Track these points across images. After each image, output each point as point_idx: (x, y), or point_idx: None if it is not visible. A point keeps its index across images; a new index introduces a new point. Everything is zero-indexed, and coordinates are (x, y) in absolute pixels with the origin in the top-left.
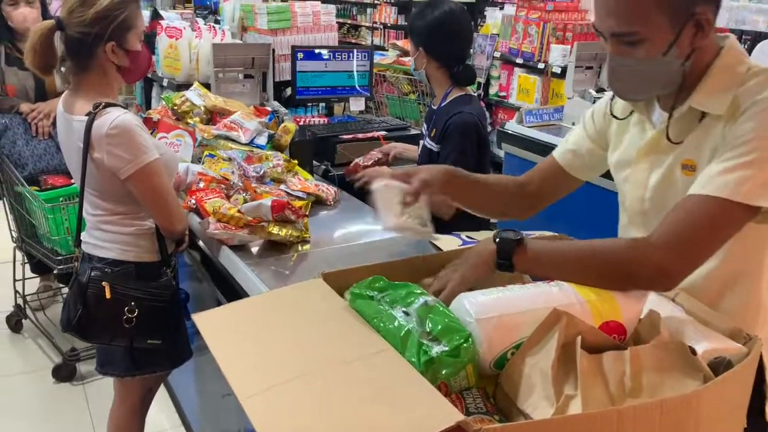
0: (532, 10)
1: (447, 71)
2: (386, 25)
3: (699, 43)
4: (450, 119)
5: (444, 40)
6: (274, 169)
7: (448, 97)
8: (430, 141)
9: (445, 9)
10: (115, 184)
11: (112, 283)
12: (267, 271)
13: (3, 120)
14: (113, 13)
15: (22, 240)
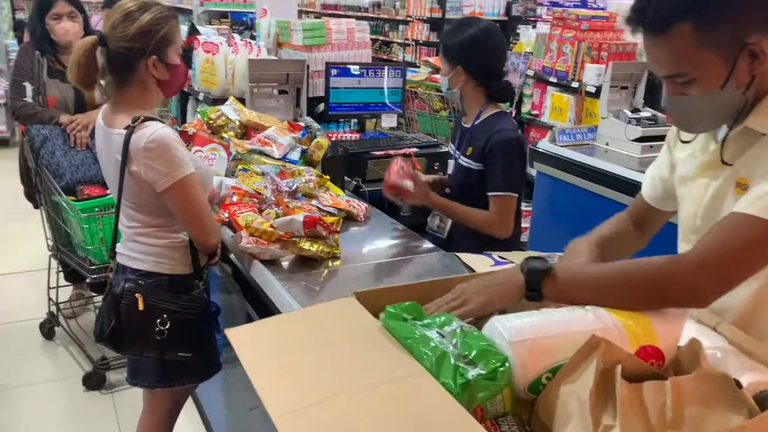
0: (566, 29)
1: (484, 88)
2: (418, 42)
3: (758, 70)
4: (492, 137)
5: (482, 57)
6: (306, 185)
7: (483, 115)
8: (466, 159)
9: (481, 26)
10: (151, 196)
11: (145, 295)
12: (297, 287)
13: (43, 131)
14: (155, 29)
15: (58, 248)
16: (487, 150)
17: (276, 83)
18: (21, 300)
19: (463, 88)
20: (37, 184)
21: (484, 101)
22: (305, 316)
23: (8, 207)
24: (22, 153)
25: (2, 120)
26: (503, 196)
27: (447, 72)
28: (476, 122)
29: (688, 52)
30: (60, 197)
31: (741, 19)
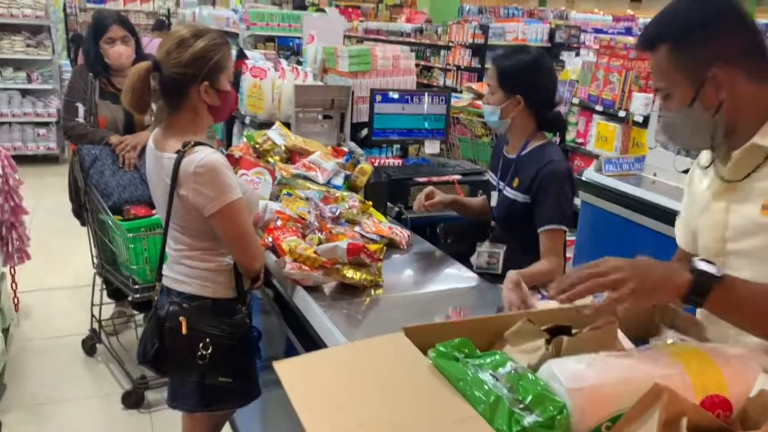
0: (614, 58)
1: (535, 118)
2: (459, 67)
3: (723, 97)
4: (542, 169)
5: (540, 86)
6: (350, 210)
7: (529, 145)
8: (512, 191)
9: (537, 54)
10: (199, 220)
11: (188, 319)
12: (339, 314)
13: (93, 151)
14: (208, 55)
15: (102, 266)
16: (537, 182)
17: (321, 108)
18: (65, 315)
19: (516, 117)
20: (85, 203)
21: (531, 131)
22: (354, 351)
23: (56, 223)
24: (72, 172)
25: (52, 138)
26: (556, 229)
27: (501, 101)
28: (522, 153)
29: (665, 69)
30: (107, 216)
31: (709, 49)
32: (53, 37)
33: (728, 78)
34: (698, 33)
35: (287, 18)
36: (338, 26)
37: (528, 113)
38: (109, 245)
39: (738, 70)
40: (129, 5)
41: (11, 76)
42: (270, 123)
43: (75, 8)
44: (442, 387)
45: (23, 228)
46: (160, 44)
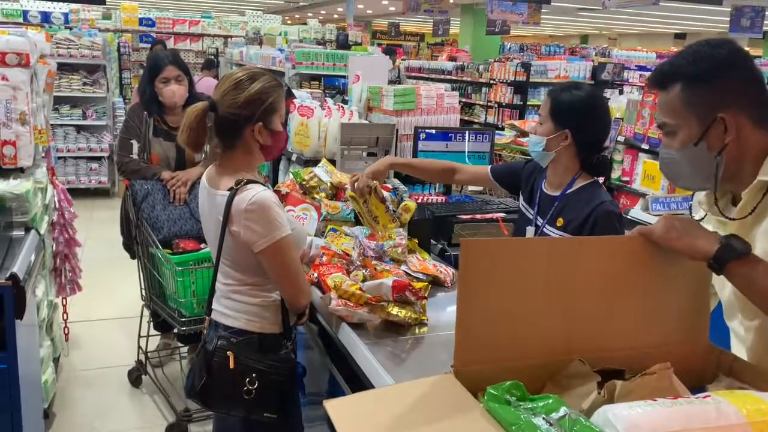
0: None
1: (580, 158)
2: (501, 104)
3: (730, 139)
4: (595, 211)
5: (590, 125)
6: (395, 249)
7: (575, 184)
8: (556, 230)
9: (592, 93)
10: (249, 256)
11: (236, 353)
12: (383, 352)
13: (146, 186)
14: (263, 97)
15: (150, 299)
16: (590, 224)
17: (366, 146)
18: (112, 346)
19: (561, 153)
20: (136, 236)
21: (577, 169)
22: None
23: (106, 255)
24: (124, 206)
25: (104, 172)
26: None
27: (549, 132)
28: (567, 191)
29: (674, 106)
30: (157, 249)
31: (720, 94)
32: (108, 75)
33: (736, 122)
34: (713, 75)
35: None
36: (383, 65)
37: (574, 151)
38: (157, 278)
39: (746, 115)
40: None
41: (68, 113)
42: (316, 160)
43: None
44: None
45: (76, 260)
46: (217, 85)
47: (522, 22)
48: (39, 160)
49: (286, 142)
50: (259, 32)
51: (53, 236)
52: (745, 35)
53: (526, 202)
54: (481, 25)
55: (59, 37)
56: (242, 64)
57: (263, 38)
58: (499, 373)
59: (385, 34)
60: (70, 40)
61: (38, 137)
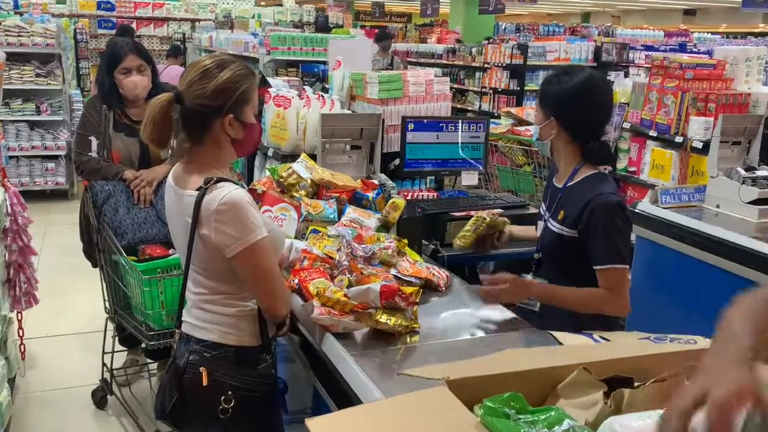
0: (668, 78)
1: (578, 146)
2: (496, 90)
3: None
4: (591, 202)
5: (580, 112)
6: (385, 251)
7: (578, 175)
8: (557, 224)
9: (585, 76)
10: (221, 262)
11: (210, 369)
12: (372, 364)
13: (107, 187)
14: (233, 87)
15: (115, 311)
16: (586, 217)
17: (349, 138)
18: (74, 364)
19: (555, 142)
20: (97, 242)
21: (578, 159)
22: (393, 407)
23: (65, 264)
24: (84, 209)
25: (61, 172)
26: (613, 268)
27: (540, 121)
28: (569, 183)
29: None
30: (120, 256)
31: None
32: (64, 65)
33: None
34: None
35: (310, 42)
36: (366, 50)
37: (567, 139)
38: (122, 288)
39: None
40: (142, 30)
41: (20, 108)
42: (294, 154)
43: (86, 35)
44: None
45: (32, 270)
46: (183, 74)
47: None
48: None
49: (260, 136)
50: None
51: (5, 244)
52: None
53: (543, 200)
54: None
55: (8, 24)
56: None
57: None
58: (496, 383)
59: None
60: (21, 27)
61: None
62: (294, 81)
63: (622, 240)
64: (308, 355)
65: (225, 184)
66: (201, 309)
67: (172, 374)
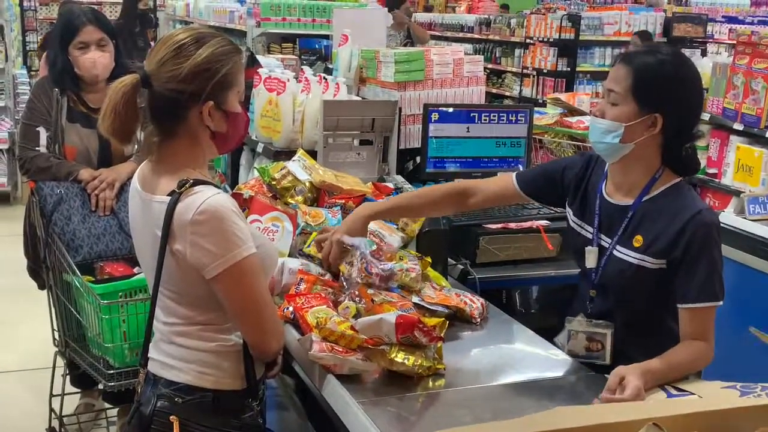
0: (757, 58)
1: (663, 151)
2: (541, 72)
3: None
4: (691, 223)
5: (687, 104)
6: (407, 273)
7: (656, 187)
8: (633, 252)
9: (679, 57)
10: (198, 284)
11: (183, 419)
12: (385, 415)
13: (58, 190)
14: (214, 67)
15: (66, 344)
16: (685, 243)
17: (358, 131)
18: (14, 407)
19: (642, 145)
20: (45, 258)
21: (657, 167)
22: None
23: (6, 284)
24: (29, 217)
25: (2, 170)
26: (708, 307)
27: (631, 116)
28: (645, 198)
29: None
30: (74, 276)
31: None
32: (6, 39)
33: None
34: None
35: (311, 11)
36: (380, 22)
37: (660, 142)
38: (75, 315)
39: None
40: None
41: None
42: (290, 151)
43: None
44: None
45: None
46: (151, 51)
47: None
48: None
49: (246, 127)
50: None
51: None
52: None
53: (577, 216)
54: None
55: None
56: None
57: None
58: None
59: None
60: None
61: None
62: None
63: (721, 271)
64: (305, 402)
65: (203, 187)
66: (172, 343)
67: (136, 424)
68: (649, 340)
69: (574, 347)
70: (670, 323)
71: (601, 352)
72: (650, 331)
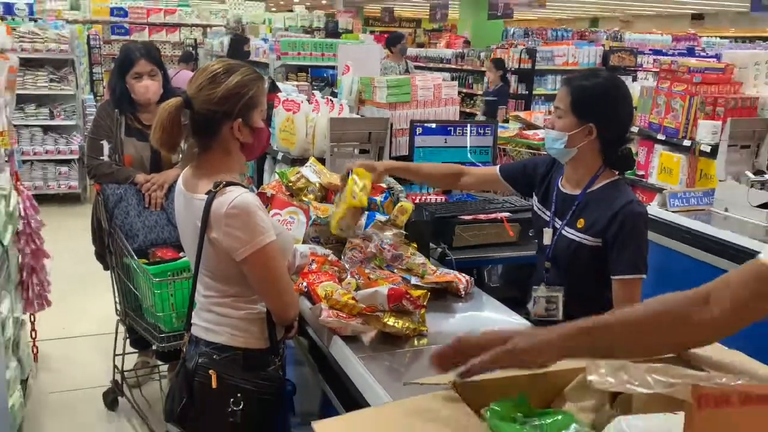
0: (676, 82)
1: (603, 153)
2: None
3: None
4: (621, 211)
5: (616, 117)
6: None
7: (598, 182)
8: (576, 232)
9: (615, 81)
10: (230, 265)
11: (219, 372)
12: (380, 367)
13: (118, 190)
14: (242, 92)
15: (126, 313)
16: (616, 226)
17: (357, 142)
18: (85, 366)
19: (584, 149)
20: (109, 245)
21: (598, 165)
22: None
23: (77, 267)
24: (96, 213)
25: (74, 176)
26: (634, 278)
27: (571, 127)
28: (588, 190)
29: None
30: (132, 260)
31: None
32: (77, 71)
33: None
34: None
35: (320, 47)
36: (375, 55)
37: (598, 146)
38: (133, 291)
39: None
40: (155, 36)
41: (34, 113)
42: (303, 158)
43: (99, 40)
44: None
45: (44, 273)
46: (191, 79)
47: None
48: (1, 164)
49: (268, 140)
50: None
51: (18, 247)
52: (767, 15)
53: (540, 203)
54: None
55: (23, 30)
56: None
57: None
58: (503, 387)
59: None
60: (35, 33)
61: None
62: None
63: (646, 250)
64: (316, 358)
65: (234, 188)
66: (210, 312)
67: (182, 377)
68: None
69: (537, 310)
70: (608, 294)
71: (555, 311)
72: (592, 299)
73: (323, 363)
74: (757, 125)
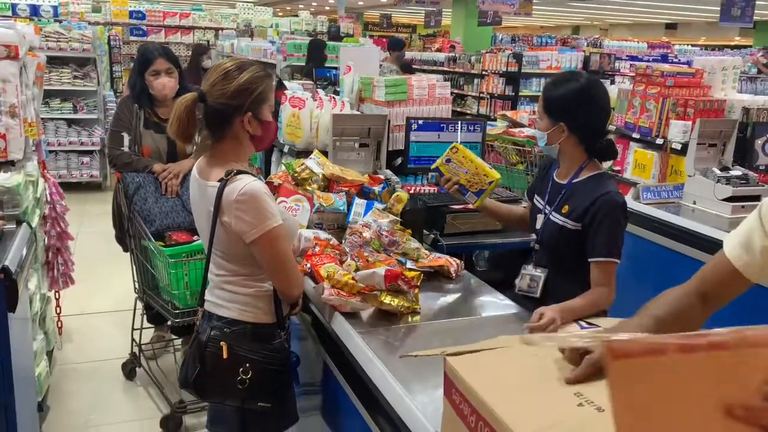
0: (650, 86)
1: (584, 146)
2: (493, 95)
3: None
4: (599, 199)
5: (585, 114)
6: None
7: (583, 173)
8: (561, 217)
9: (584, 81)
10: (240, 247)
11: (229, 343)
12: (376, 341)
13: (137, 178)
14: (252, 87)
15: (144, 291)
16: (593, 212)
17: (358, 137)
18: (106, 339)
19: (563, 145)
20: (128, 229)
21: (583, 158)
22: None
23: (99, 248)
24: (116, 199)
25: (96, 165)
26: (608, 262)
27: (547, 127)
28: (574, 180)
29: None
30: (149, 242)
31: None
32: (98, 69)
33: None
34: None
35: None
36: (374, 57)
37: (575, 141)
38: (150, 270)
39: None
40: (170, 37)
41: (58, 107)
42: (308, 151)
43: (119, 41)
44: None
45: (68, 253)
46: (205, 76)
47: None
48: (30, 153)
49: (276, 132)
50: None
51: (45, 229)
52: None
53: (538, 194)
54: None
55: (48, 30)
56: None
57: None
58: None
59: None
60: (60, 33)
61: (28, 130)
62: (308, 84)
63: (621, 237)
64: (319, 333)
65: (244, 176)
66: (222, 289)
67: (195, 348)
68: (571, 287)
69: (520, 284)
70: (586, 276)
71: (534, 289)
72: (572, 279)
73: (325, 337)
74: (724, 125)
